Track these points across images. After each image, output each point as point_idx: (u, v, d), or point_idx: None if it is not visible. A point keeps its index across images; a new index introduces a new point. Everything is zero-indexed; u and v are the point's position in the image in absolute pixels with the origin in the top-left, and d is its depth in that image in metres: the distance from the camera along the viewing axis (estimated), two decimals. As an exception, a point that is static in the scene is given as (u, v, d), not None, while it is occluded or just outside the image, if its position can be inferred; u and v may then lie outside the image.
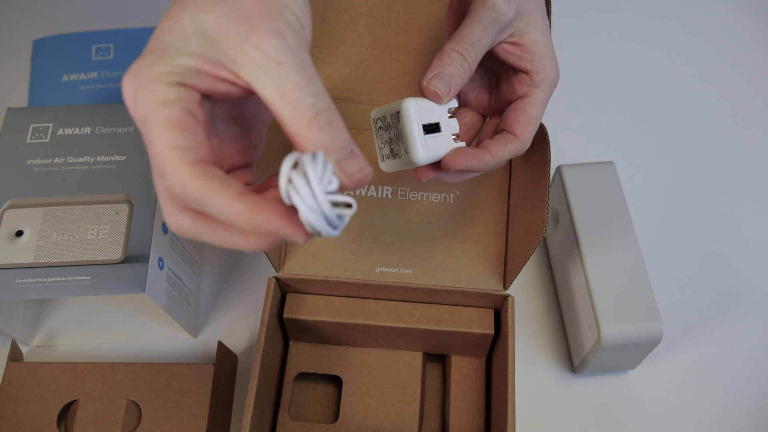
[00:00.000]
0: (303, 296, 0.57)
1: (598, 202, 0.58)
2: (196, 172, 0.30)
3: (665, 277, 0.65)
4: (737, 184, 0.71)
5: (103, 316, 0.62)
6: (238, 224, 0.30)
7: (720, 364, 0.62)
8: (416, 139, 0.41)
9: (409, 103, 0.41)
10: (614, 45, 0.79)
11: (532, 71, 0.43)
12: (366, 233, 0.56)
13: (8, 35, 0.79)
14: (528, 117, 0.43)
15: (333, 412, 0.59)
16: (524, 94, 0.43)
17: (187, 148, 0.30)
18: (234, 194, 0.29)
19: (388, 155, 0.43)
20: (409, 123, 0.41)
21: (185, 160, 0.30)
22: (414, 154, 0.41)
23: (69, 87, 0.76)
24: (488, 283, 0.55)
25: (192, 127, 0.31)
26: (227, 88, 0.32)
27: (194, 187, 0.29)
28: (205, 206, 0.30)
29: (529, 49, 0.43)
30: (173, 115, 0.30)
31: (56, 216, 0.55)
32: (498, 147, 0.42)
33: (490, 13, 0.41)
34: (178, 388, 0.56)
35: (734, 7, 0.81)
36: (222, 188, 0.29)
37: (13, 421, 0.55)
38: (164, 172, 0.30)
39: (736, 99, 0.75)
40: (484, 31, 0.41)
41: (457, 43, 0.41)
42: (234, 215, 0.29)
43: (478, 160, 0.42)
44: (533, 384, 0.61)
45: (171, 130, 0.30)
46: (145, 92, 0.30)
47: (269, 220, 0.29)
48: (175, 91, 0.31)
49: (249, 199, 0.29)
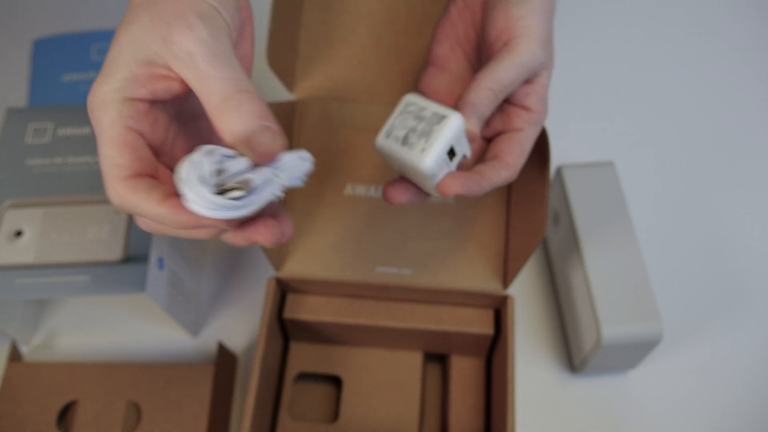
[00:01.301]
0: (303, 296, 0.57)
1: (598, 202, 0.58)
2: (127, 186, 0.34)
3: (665, 277, 0.65)
4: (737, 184, 0.71)
5: (103, 316, 0.62)
6: (169, 224, 0.34)
7: (720, 364, 0.62)
8: (439, 148, 0.40)
9: (460, 120, 0.40)
10: (614, 45, 0.79)
11: (534, 110, 0.43)
12: (366, 233, 0.56)
13: (8, 35, 0.79)
14: (521, 150, 0.43)
15: (333, 412, 0.59)
16: (519, 128, 0.43)
17: (122, 165, 0.34)
18: (157, 200, 0.33)
19: (398, 139, 0.41)
20: (447, 134, 0.39)
21: (119, 177, 0.34)
22: (426, 158, 0.40)
23: (69, 87, 0.76)
24: (488, 284, 0.55)
25: (131, 143, 0.34)
26: (166, 84, 0.35)
27: (127, 199, 0.34)
28: (140, 213, 0.34)
29: (538, 90, 0.43)
30: (114, 134, 0.34)
31: (56, 216, 0.55)
32: (492, 173, 0.42)
33: (531, 59, 0.41)
34: (178, 388, 0.56)
35: (735, 8, 0.81)
36: (147, 197, 0.33)
37: (13, 422, 0.55)
38: (106, 186, 0.35)
39: (736, 99, 0.75)
40: (519, 76, 0.41)
41: (494, 82, 0.41)
42: (162, 217, 0.33)
43: (476, 184, 0.41)
44: (533, 384, 0.61)
45: (111, 149, 0.34)
46: (96, 113, 0.34)
47: (189, 217, 0.33)
48: (119, 108, 0.34)
49: (171, 201, 0.33)
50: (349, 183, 0.57)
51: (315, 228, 0.56)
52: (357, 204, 0.57)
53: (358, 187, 0.57)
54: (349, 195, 0.57)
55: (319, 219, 0.56)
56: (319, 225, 0.56)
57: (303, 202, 0.57)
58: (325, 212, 0.57)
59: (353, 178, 0.57)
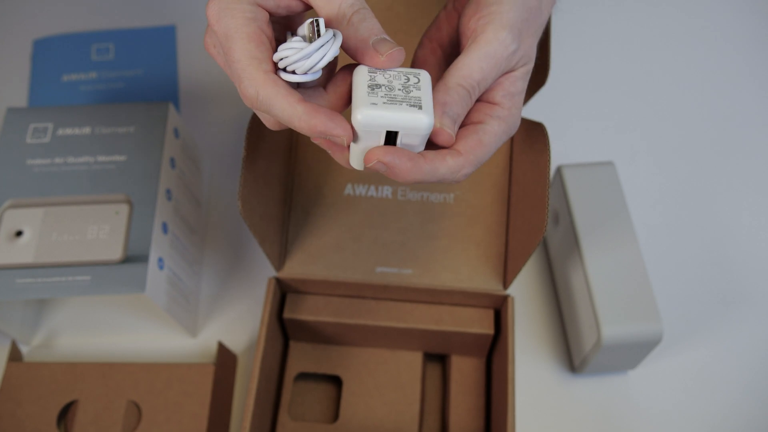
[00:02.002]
0: (303, 296, 0.57)
1: (598, 202, 0.58)
2: (268, 79, 0.36)
3: (665, 277, 0.65)
4: (737, 184, 0.71)
5: (103, 316, 0.62)
6: (297, 125, 0.36)
7: (720, 364, 0.62)
8: (381, 116, 0.36)
9: (423, 123, 0.36)
10: (615, 45, 0.78)
11: (499, 105, 0.40)
12: (366, 233, 0.56)
13: (8, 35, 0.79)
14: (479, 141, 0.39)
15: (333, 412, 0.59)
16: (480, 121, 0.40)
17: (261, 59, 0.36)
18: (296, 100, 0.35)
19: (383, 99, 0.37)
20: (402, 119, 0.36)
21: (260, 69, 0.36)
22: (358, 113, 0.36)
23: (69, 87, 0.76)
24: (488, 283, 0.55)
25: (265, 42, 0.36)
26: (289, 2, 0.38)
27: (264, 91, 0.35)
28: (271, 108, 0.36)
29: (507, 85, 0.40)
30: (251, 31, 0.36)
31: (56, 216, 0.55)
32: (436, 156, 0.38)
33: (501, 49, 0.38)
34: (178, 388, 0.56)
35: (735, 7, 0.81)
36: (287, 94, 0.35)
37: (13, 421, 0.55)
38: (241, 77, 0.36)
39: (736, 99, 0.75)
40: (491, 68, 0.38)
41: (464, 78, 0.38)
42: (295, 117, 0.35)
43: (409, 158, 0.36)
44: (533, 384, 0.61)
45: (250, 43, 0.36)
46: (228, 11, 0.36)
47: (321, 122, 0.35)
48: (253, 11, 0.36)
49: (307, 104, 0.35)
50: (349, 183, 0.57)
51: (315, 228, 0.56)
52: (357, 204, 0.57)
53: (358, 187, 0.57)
54: (349, 195, 0.57)
55: (319, 219, 0.56)
56: (319, 225, 0.56)
57: (303, 202, 0.57)
58: (325, 212, 0.57)
59: (353, 178, 0.57)
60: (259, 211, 0.50)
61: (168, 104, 0.60)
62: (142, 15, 0.80)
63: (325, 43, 0.36)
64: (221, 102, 0.74)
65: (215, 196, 0.70)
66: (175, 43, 0.78)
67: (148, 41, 0.78)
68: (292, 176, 0.58)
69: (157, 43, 0.78)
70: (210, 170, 0.71)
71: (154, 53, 0.78)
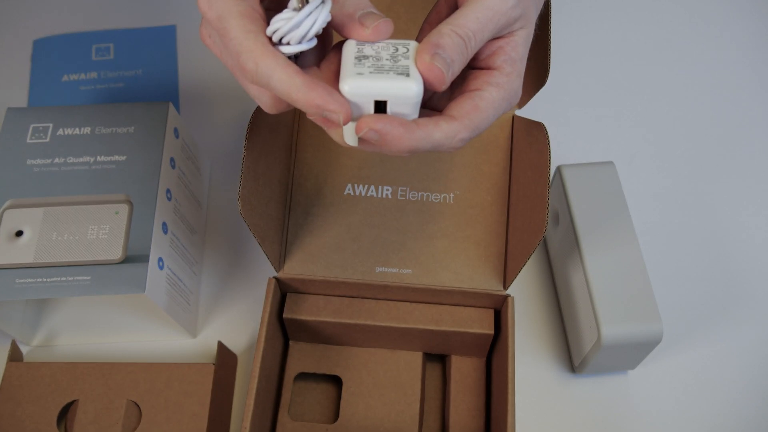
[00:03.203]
0: (303, 296, 0.57)
1: (598, 202, 0.58)
2: (267, 51, 0.35)
3: (665, 277, 0.65)
4: (738, 184, 0.71)
5: (103, 316, 0.62)
6: (294, 97, 0.35)
7: (720, 364, 0.62)
8: (365, 85, 0.36)
9: (411, 89, 0.35)
10: (615, 45, 0.78)
11: (497, 69, 0.38)
12: (366, 233, 0.56)
13: (8, 35, 0.79)
14: (474, 106, 0.37)
15: (333, 412, 0.59)
16: (477, 88, 0.38)
17: (257, 32, 0.36)
18: (295, 71, 0.35)
19: (369, 69, 0.36)
20: (390, 87, 0.35)
21: (257, 41, 0.36)
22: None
23: (69, 87, 0.76)
24: (488, 283, 0.55)
25: (258, 19, 0.36)
26: None
27: (264, 62, 0.35)
28: (270, 80, 0.35)
29: (507, 49, 0.39)
30: (243, 9, 0.36)
31: (56, 216, 0.55)
32: (428, 121, 0.36)
33: (499, 3, 0.37)
34: (178, 388, 0.56)
35: (736, 7, 0.81)
36: (286, 65, 0.35)
37: (13, 421, 0.55)
38: (239, 52, 0.36)
39: (736, 99, 0.75)
40: (487, 21, 0.37)
41: (459, 26, 0.36)
42: (293, 88, 0.35)
43: (400, 124, 0.35)
44: (533, 384, 0.61)
45: (244, 19, 0.36)
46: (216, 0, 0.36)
47: (319, 95, 0.35)
48: None
49: (306, 77, 0.35)
50: (349, 183, 0.57)
51: (315, 228, 0.56)
52: (357, 204, 0.57)
53: (358, 187, 0.57)
54: (349, 195, 0.57)
55: (319, 219, 0.56)
56: (319, 225, 0.56)
57: (303, 202, 0.57)
58: (325, 212, 0.57)
59: (353, 178, 0.57)
60: (259, 211, 0.50)
61: (168, 104, 0.60)
62: (142, 15, 0.80)
63: (314, 10, 0.36)
64: (221, 102, 0.74)
65: (215, 196, 0.70)
66: (175, 43, 0.78)
67: (148, 41, 0.78)
68: (292, 176, 0.58)
69: (157, 43, 0.78)
70: (210, 170, 0.71)
71: (154, 53, 0.78)
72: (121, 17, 0.80)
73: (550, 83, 0.52)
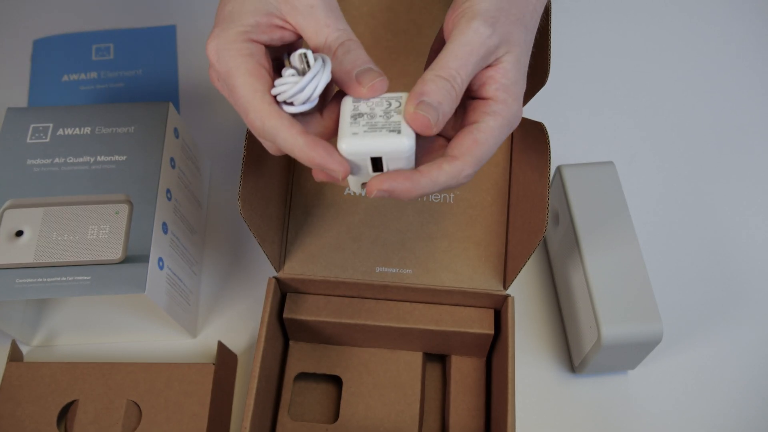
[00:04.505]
0: (303, 296, 0.57)
1: (598, 202, 0.58)
2: (272, 111, 0.38)
3: (665, 277, 0.65)
4: (737, 184, 0.71)
5: (103, 316, 0.62)
6: (297, 154, 0.38)
7: (720, 364, 0.62)
8: (360, 144, 0.38)
9: (403, 144, 0.38)
10: (615, 45, 0.79)
11: (491, 99, 0.40)
12: (366, 233, 0.56)
13: (8, 35, 0.79)
14: (474, 140, 0.39)
15: (333, 412, 0.59)
16: (475, 120, 0.40)
17: (263, 91, 0.38)
18: (298, 131, 0.38)
19: (364, 128, 0.38)
20: (382, 144, 0.38)
21: (264, 102, 0.38)
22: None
23: (69, 87, 0.76)
24: (488, 283, 0.55)
25: (265, 75, 0.39)
26: (281, 33, 0.40)
27: (270, 123, 0.38)
28: (276, 138, 0.38)
29: (498, 78, 0.40)
30: (251, 67, 0.38)
31: (56, 216, 0.55)
32: (431, 166, 0.39)
33: (474, 36, 0.38)
34: (178, 388, 0.56)
35: (736, 7, 0.81)
36: (290, 126, 0.38)
37: (13, 421, 0.55)
38: (247, 110, 0.38)
39: (736, 99, 0.75)
40: (469, 56, 0.38)
41: (441, 68, 0.38)
42: (296, 147, 0.38)
43: (405, 178, 0.38)
44: (533, 384, 0.61)
45: (251, 78, 0.38)
46: (226, 50, 0.39)
47: (320, 156, 0.37)
48: (248, 47, 0.39)
49: (308, 137, 0.38)
50: (349, 183, 0.57)
51: (315, 228, 0.56)
52: (357, 204, 0.57)
53: (358, 187, 0.57)
54: (349, 195, 0.57)
55: (319, 219, 0.56)
56: (319, 225, 0.56)
57: (303, 202, 0.57)
58: (325, 212, 0.57)
59: (353, 178, 0.57)
60: (259, 211, 0.50)
61: (168, 104, 0.60)
62: (142, 15, 0.80)
63: (316, 75, 0.38)
64: (221, 102, 0.74)
65: (215, 196, 0.70)
66: (175, 43, 0.78)
67: (148, 41, 0.78)
68: (292, 176, 0.58)
69: (157, 43, 0.78)
70: (210, 170, 0.71)
71: (154, 53, 0.78)
72: (121, 17, 0.80)
73: (550, 83, 0.52)
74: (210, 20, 0.84)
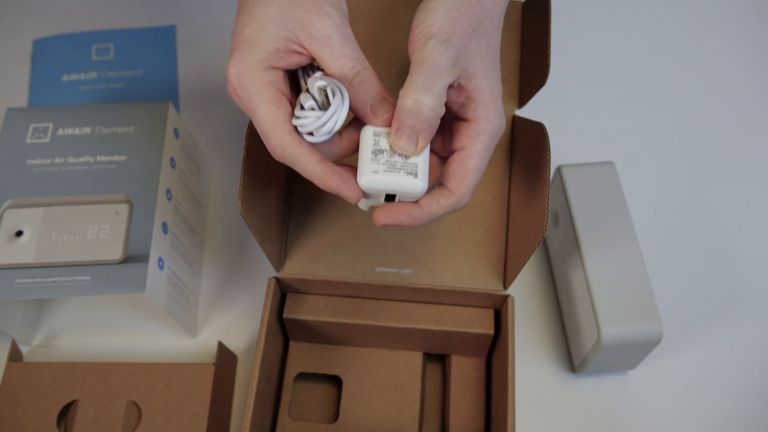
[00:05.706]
0: (303, 296, 0.57)
1: (598, 202, 0.58)
2: (293, 140, 0.41)
3: (665, 277, 0.65)
4: (737, 184, 0.71)
5: (103, 316, 0.62)
6: (314, 180, 0.41)
7: (720, 364, 0.62)
8: (380, 181, 0.41)
9: (418, 189, 0.41)
10: (615, 45, 0.79)
11: (473, 120, 0.42)
12: (366, 233, 0.56)
13: (8, 35, 0.79)
14: (465, 170, 0.42)
15: (333, 412, 0.59)
16: (463, 146, 0.42)
17: (284, 120, 0.40)
18: (316, 159, 0.41)
19: (384, 167, 0.41)
20: (399, 184, 0.41)
21: (284, 130, 0.40)
22: (362, 177, 0.41)
23: (69, 87, 0.76)
24: (488, 283, 0.55)
25: (285, 104, 0.41)
26: (299, 59, 0.42)
27: (290, 151, 0.41)
28: (294, 165, 0.41)
29: (473, 96, 0.41)
30: (271, 94, 0.40)
31: (56, 216, 0.55)
32: (431, 202, 0.42)
33: (430, 53, 0.40)
34: (178, 388, 0.56)
35: (735, 7, 0.81)
36: (309, 154, 0.41)
37: (13, 421, 0.55)
38: (268, 137, 0.41)
39: (737, 99, 0.75)
40: (432, 73, 0.40)
41: (408, 96, 0.40)
42: (313, 175, 0.41)
43: (407, 215, 0.42)
44: (533, 384, 0.61)
45: (271, 107, 0.40)
46: (247, 77, 0.40)
47: (335, 183, 0.41)
48: (269, 75, 0.41)
49: (326, 165, 0.41)
50: (349, 183, 0.57)
51: (315, 228, 0.56)
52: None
53: (358, 187, 0.57)
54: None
55: (319, 219, 0.56)
56: (319, 225, 0.56)
57: (303, 202, 0.57)
58: (325, 212, 0.57)
59: (353, 178, 0.57)
60: (259, 211, 0.50)
61: (168, 104, 0.60)
62: (142, 15, 0.80)
63: (336, 111, 0.40)
64: (221, 102, 0.74)
65: (215, 196, 0.70)
66: (175, 43, 0.78)
67: (148, 41, 0.78)
68: (292, 176, 0.58)
69: (157, 43, 0.78)
70: (210, 170, 0.71)
71: (154, 53, 0.78)
72: (121, 17, 0.80)
73: (550, 83, 0.52)
74: (210, 20, 0.85)
